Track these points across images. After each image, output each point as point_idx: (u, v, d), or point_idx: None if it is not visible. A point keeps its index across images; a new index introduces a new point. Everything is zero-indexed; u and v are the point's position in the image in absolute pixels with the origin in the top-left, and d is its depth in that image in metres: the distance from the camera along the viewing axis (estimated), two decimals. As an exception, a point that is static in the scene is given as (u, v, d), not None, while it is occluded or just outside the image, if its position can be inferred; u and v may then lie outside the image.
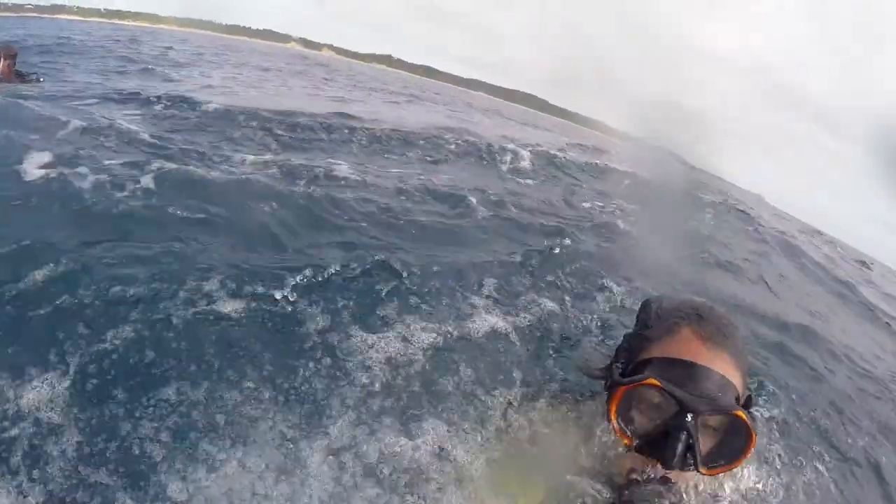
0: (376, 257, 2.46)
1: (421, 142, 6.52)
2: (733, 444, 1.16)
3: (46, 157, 3.06)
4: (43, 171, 2.83)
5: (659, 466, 1.16)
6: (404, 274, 2.40)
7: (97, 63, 9.80)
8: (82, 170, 2.96)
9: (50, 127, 3.98)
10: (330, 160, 4.50)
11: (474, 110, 16.49)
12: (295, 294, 2.10)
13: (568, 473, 1.27)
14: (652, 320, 1.29)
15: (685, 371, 1.14)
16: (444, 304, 2.29)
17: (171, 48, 16.65)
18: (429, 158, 5.87)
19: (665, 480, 1.17)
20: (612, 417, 1.20)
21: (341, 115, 7.19)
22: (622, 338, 1.40)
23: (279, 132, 5.31)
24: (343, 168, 4.23)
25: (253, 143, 4.76)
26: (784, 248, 7.17)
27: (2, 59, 7.08)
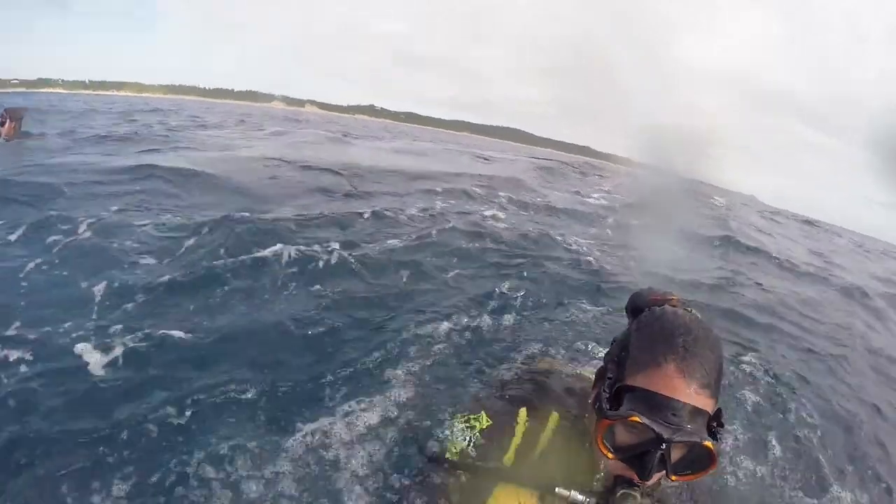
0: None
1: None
2: (700, 461, 1.29)
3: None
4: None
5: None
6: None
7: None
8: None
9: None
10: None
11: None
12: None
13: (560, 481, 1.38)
14: (638, 338, 1.37)
15: (665, 405, 1.25)
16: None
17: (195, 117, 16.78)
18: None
19: (642, 484, 1.30)
20: (599, 441, 1.31)
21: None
22: (612, 342, 1.46)
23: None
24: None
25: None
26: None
27: (9, 121, 8.05)
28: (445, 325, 2.92)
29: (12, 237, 3.47)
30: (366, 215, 4.89)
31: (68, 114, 15.17)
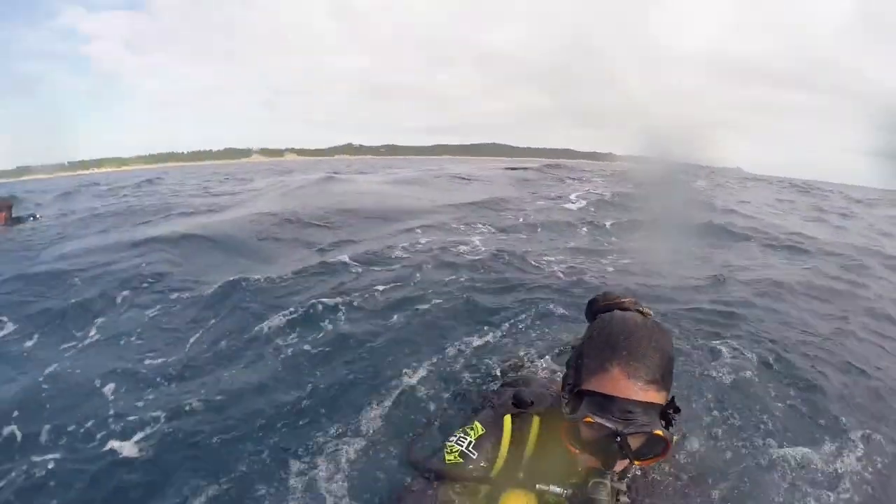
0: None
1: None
2: (655, 447, 1.50)
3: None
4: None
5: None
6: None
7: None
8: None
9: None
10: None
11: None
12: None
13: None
14: (591, 346, 1.57)
15: (614, 405, 1.45)
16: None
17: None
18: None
19: (611, 472, 1.49)
20: (565, 439, 1.53)
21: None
22: (571, 349, 1.67)
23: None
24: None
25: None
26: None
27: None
28: (433, 356, 3.13)
29: (30, 342, 3.65)
30: (351, 265, 5.05)
31: (56, 196, 15.31)
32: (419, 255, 5.46)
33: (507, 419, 1.71)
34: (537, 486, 1.56)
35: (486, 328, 3.51)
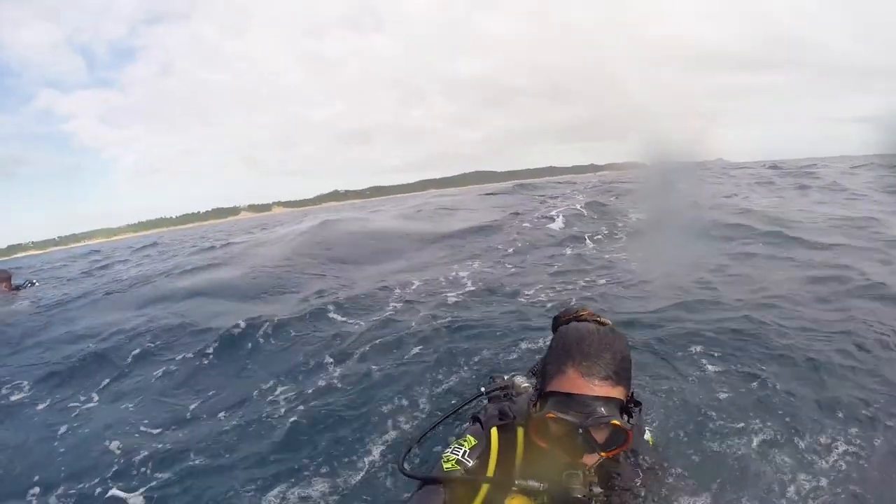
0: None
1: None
2: (618, 437, 1.66)
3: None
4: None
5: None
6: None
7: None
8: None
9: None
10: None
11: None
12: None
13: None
14: (551, 355, 1.77)
15: (572, 401, 1.63)
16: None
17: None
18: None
19: (580, 464, 1.66)
20: (532, 435, 1.71)
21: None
22: (538, 360, 1.93)
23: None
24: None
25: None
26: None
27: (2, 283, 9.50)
28: (423, 388, 3.35)
29: (42, 405, 3.87)
30: (344, 312, 5.22)
31: (53, 266, 15.61)
32: (408, 296, 5.65)
33: (494, 431, 1.85)
34: (517, 481, 1.70)
35: (473, 362, 3.70)
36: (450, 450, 1.84)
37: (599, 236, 8.50)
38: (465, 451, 1.81)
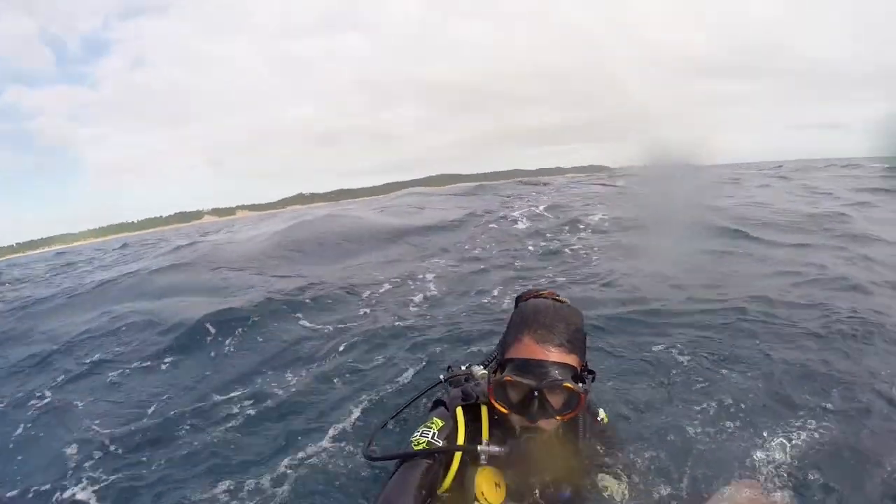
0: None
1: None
2: (572, 401, 1.79)
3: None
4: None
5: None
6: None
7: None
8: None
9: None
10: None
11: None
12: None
13: None
14: (509, 327, 1.92)
15: (528, 365, 1.76)
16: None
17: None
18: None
19: (539, 429, 1.78)
20: (492, 400, 1.84)
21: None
22: (497, 347, 2.02)
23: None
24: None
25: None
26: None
27: None
28: (385, 385, 3.42)
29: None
30: (309, 313, 5.18)
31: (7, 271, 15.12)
32: (375, 295, 5.71)
33: (459, 410, 1.95)
34: (479, 447, 1.80)
35: (436, 357, 3.78)
36: (419, 433, 1.91)
37: (564, 235, 8.63)
38: (433, 433, 1.88)
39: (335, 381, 3.59)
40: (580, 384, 1.77)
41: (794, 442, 2.40)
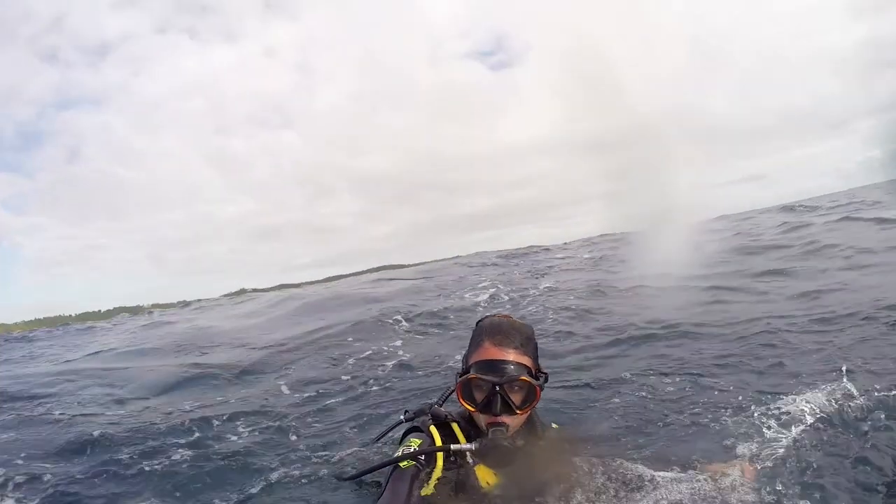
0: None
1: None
2: (531, 396, 2.07)
3: None
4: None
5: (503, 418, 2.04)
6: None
7: None
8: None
9: None
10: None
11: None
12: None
13: None
14: (471, 340, 2.21)
15: (490, 364, 2.05)
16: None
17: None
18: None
19: (503, 423, 2.03)
20: (460, 399, 2.11)
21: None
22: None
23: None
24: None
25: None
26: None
27: None
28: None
29: None
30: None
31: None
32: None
33: (433, 428, 2.16)
34: (452, 446, 2.02)
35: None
36: (401, 450, 2.08)
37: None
38: (413, 449, 2.05)
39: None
40: (535, 380, 2.06)
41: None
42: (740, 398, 3.21)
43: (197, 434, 3.69)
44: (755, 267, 8.69)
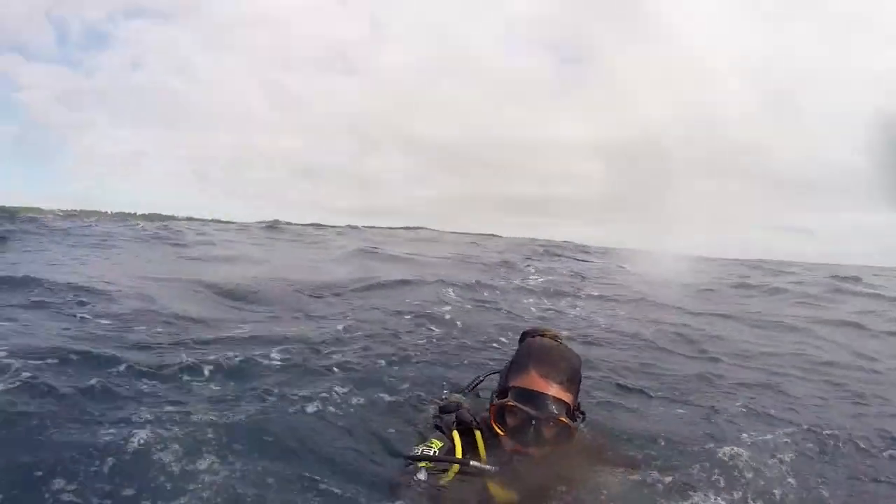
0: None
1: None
2: (563, 435, 1.99)
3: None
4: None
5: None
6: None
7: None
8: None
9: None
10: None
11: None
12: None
13: None
14: (516, 357, 2.14)
15: (531, 396, 1.96)
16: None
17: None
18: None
19: (530, 454, 1.97)
20: (492, 420, 2.06)
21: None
22: (508, 362, 2.20)
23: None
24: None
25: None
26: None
27: None
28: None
29: None
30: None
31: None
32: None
33: (455, 434, 2.15)
34: (471, 462, 1.97)
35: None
36: (419, 450, 2.08)
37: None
38: (434, 452, 2.05)
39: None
40: (573, 421, 2.02)
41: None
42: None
43: (239, 359, 3.50)
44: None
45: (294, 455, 2.40)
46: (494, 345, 4.91)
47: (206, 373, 3.26)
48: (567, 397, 2.00)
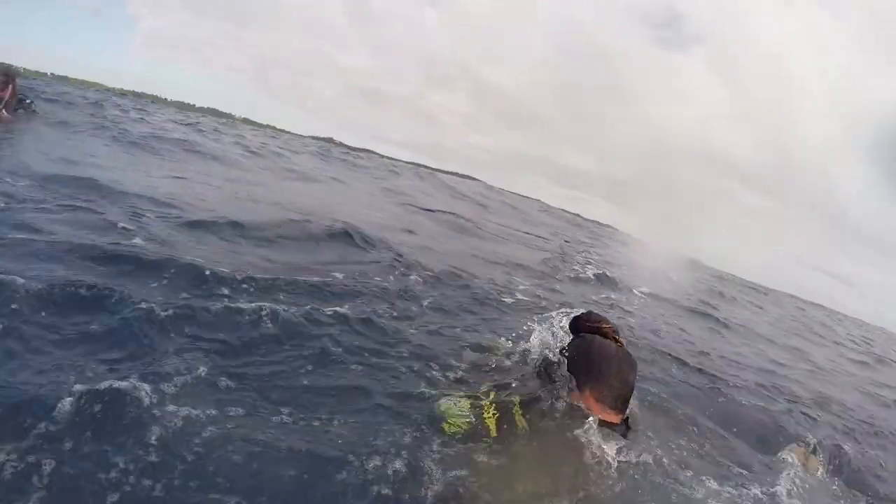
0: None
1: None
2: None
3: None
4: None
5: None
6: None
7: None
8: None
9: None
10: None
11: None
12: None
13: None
14: (573, 361, 2.08)
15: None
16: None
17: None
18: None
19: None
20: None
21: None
22: (561, 352, 2.17)
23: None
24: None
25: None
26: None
27: (8, 85, 6.88)
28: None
29: None
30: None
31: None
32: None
33: (490, 402, 2.10)
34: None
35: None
36: (461, 405, 2.15)
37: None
38: (476, 416, 2.06)
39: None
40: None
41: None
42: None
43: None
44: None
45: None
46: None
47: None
48: (617, 419, 2.00)
